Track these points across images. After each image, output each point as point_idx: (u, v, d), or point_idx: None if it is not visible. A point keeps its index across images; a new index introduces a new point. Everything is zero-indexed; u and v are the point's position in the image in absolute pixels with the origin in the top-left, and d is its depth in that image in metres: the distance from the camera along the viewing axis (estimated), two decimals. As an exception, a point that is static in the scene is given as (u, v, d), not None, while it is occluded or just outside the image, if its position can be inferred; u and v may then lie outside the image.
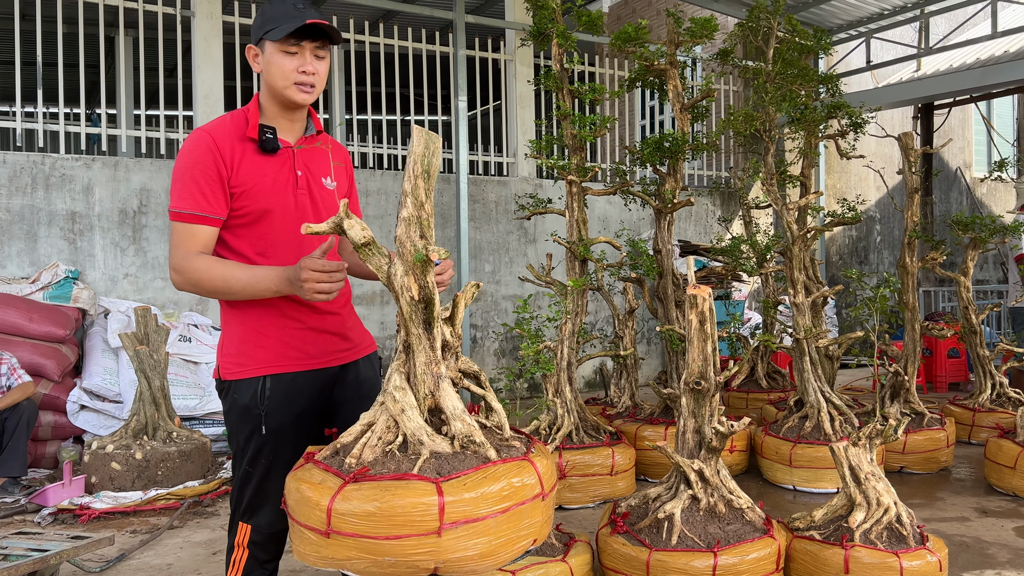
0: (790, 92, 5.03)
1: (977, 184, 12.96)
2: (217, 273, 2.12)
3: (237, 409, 2.26)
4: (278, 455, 2.27)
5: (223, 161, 2.18)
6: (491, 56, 8.70)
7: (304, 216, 2.27)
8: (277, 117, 2.27)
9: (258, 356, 2.24)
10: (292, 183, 2.27)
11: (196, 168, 2.16)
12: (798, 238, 4.95)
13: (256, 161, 2.22)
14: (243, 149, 2.22)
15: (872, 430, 3.27)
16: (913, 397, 5.24)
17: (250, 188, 2.20)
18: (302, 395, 2.26)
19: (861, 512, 3.16)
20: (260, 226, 2.23)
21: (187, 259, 2.13)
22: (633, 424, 5.20)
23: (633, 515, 3.29)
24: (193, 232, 2.16)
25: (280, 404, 2.24)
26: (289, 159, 2.28)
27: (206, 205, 2.16)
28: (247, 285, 2.11)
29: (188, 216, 2.16)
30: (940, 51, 9.57)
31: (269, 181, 2.23)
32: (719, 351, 3.27)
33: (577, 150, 4.92)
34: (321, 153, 2.38)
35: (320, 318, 2.31)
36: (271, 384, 2.23)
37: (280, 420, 2.25)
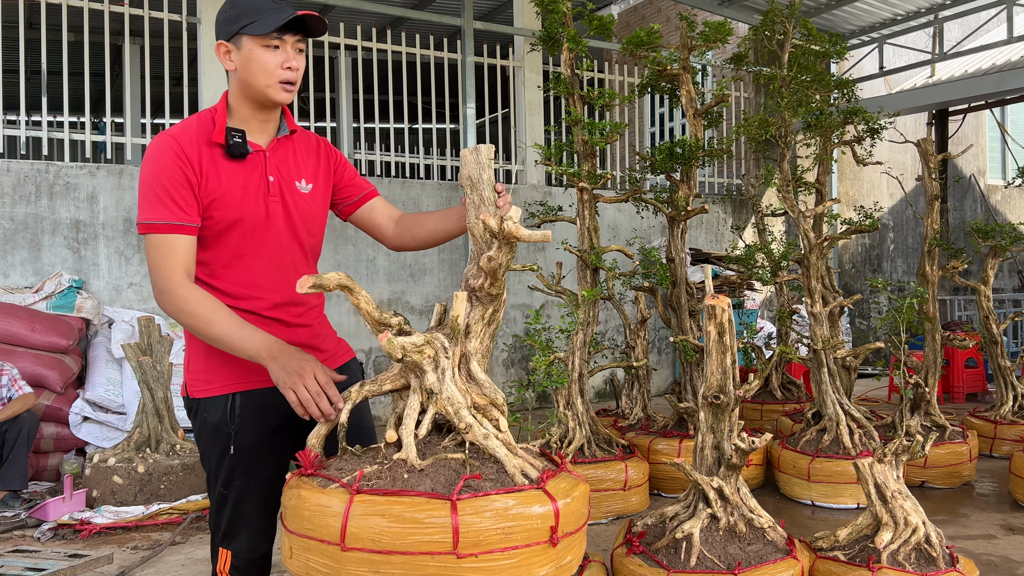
0: (806, 97, 4.92)
1: (992, 191, 12.80)
2: (204, 311, 1.95)
3: (207, 428, 2.13)
4: (253, 475, 2.14)
5: (191, 167, 2.01)
6: (500, 63, 8.62)
7: (276, 225, 2.13)
8: (248, 119, 2.11)
9: (226, 372, 2.10)
10: (263, 190, 2.11)
11: (163, 176, 1.99)
12: (815, 246, 4.83)
13: (225, 168, 2.06)
14: (211, 155, 2.05)
15: (898, 446, 3.14)
16: (934, 409, 5.10)
17: (219, 197, 2.04)
18: (275, 412, 2.09)
19: (888, 532, 3.03)
20: (229, 236, 2.08)
21: (173, 283, 1.96)
22: (646, 437, 5.07)
23: (649, 534, 3.17)
24: (171, 245, 1.98)
25: (252, 422, 2.11)
26: (260, 164, 2.11)
27: (180, 213, 1.99)
28: (230, 337, 1.94)
29: (162, 227, 1.98)
30: (955, 56, 9.44)
31: (239, 189, 2.07)
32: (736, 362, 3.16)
33: (588, 156, 4.82)
34: (295, 154, 2.21)
35: (290, 331, 2.17)
36: (241, 401, 2.10)
37: (253, 438, 2.12)
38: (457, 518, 1.76)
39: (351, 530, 1.78)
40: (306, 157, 2.24)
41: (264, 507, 2.19)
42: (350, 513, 1.78)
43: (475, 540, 1.76)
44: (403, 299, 7.81)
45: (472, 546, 1.76)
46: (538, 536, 1.83)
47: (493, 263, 1.95)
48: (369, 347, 7.62)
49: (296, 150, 2.22)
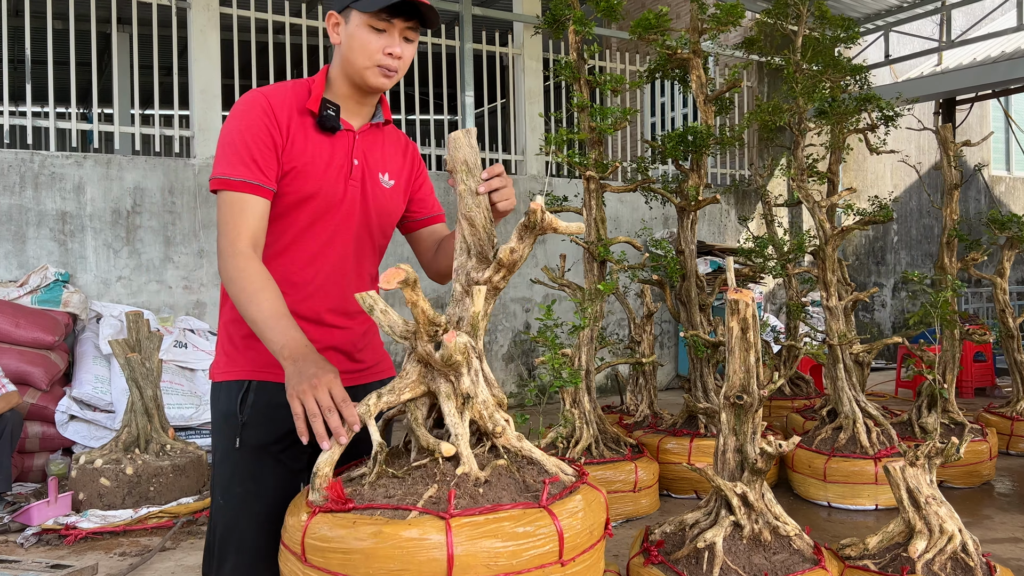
0: (821, 83, 4.73)
1: (995, 183, 12.64)
2: (252, 287, 1.78)
3: (218, 415, 1.97)
4: (256, 481, 1.91)
5: (278, 128, 1.88)
6: (499, 50, 8.41)
7: (351, 210, 1.98)
8: (345, 97, 1.97)
9: (246, 356, 1.94)
10: (346, 171, 1.97)
11: (248, 132, 1.86)
12: (832, 237, 4.64)
13: (312, 138, 1.93)
14: (300, 122, 1.92)
15: (931, 448, 2.97)
16: (952, 406, 4.94)
17: (300, 166, 1.91)
18: (286, 415, 1.80)
19: (922, 540, 2.86)
20: (297, 212, 1.94)
21: (235, 248, 1.81)
22: (655, 436, 4.89)
23: (668, 543, 2.98)
24: (243, 205, 1.83)
25: (262, 418, 1.91)
26: (348, 144, 1.98)
27: (259, 173, 1.85)
28: (264, 322, 1.76)
29: (238, 184, 1.84)
30: (962, 44, 9.26)
31: (322, 163, 1.93)
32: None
33: (595, 144, 4.62)
34: (384, 146, 2.08)
35: (326, 332, 1.99)
36: (255, 391, 1.93)
37: (260, 437, 1.91)
38: (559, 523, 1.61)
39: (461, 559, 1.52)
40: (394, 153, 2.11)
41: (264, 528, 1.89)
42: (453, 541, 1.52)
43: (574, 544, 1.65)
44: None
45: (572, 551, 1.64)
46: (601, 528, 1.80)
47: (515, 255, 1.77)
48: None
49: (385, 142, 2.08)
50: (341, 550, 1.55)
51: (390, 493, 1.64)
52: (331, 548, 1.56)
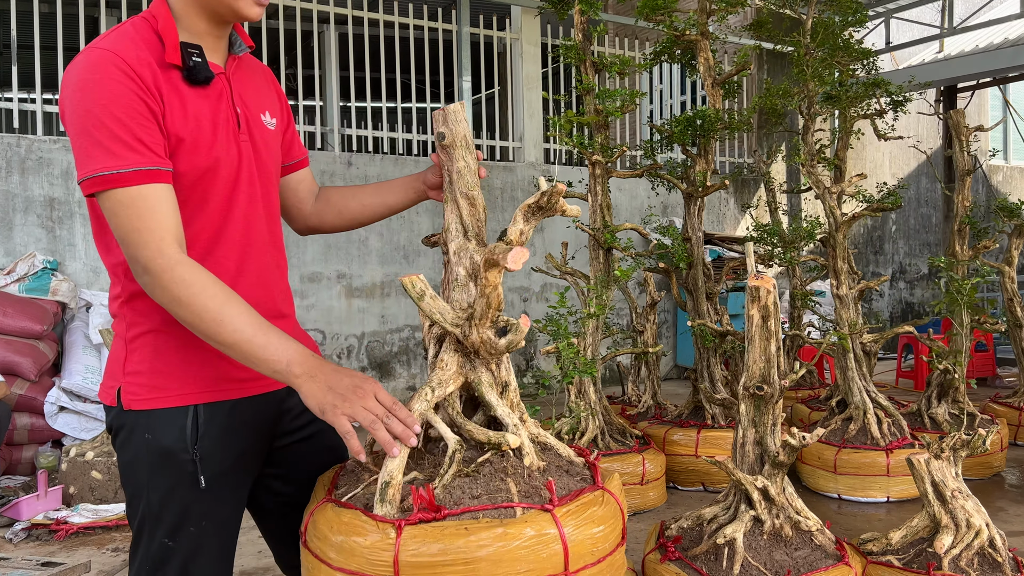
0: (832, 66, 4.61)
1: (993, 172, 12.59)
2: (213, 304, 1.41)
3: (151, 454, 1.53)
4: (212, 517, 1.59)
5: (149, 93, 1.46)
6: (496, 34, 8.26)
7: (250, 173, 1.62)
8: (203, 34, 1.58)
9: (186, 374, 1.55)
10: (233, 125, 1.60)
11: (116, 106, 1.42)
12: (842, 224, 4.54)
13: (186, 96, 1.53)
14: (167, 79, 1.50)
15: (956, 440, 2.87)
16: (962, 397, 4.85)
17: (188, 137, 1.51)
18: (243, 431, 1.60)
19: (948, 535, 2.76)
20: (196, 192, 1.54)
21: (164, 257, 1.42)
22: (660, 427, 4.79)
23: (686, 539, 2.88)
24: (151, 202, 1.42)
25: (218, 445, 1.56)
26: (225, 91, 1.60)
27: (151, 155, 1.44)
28: (248, 344, 1.42)
29: (132, 176, 1.41)
30: (964, 31, 9.16)
31: (208, 124, 1.55)
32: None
33: (601, 128, 4.50)
34: (254, 79, 1.72)
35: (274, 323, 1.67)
36: (205, 417, 1.55)
37: (217, 468, 1.57)
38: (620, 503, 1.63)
39: (573, 549, 1.46)
40: (264, 85, 1.76)
41: (223, 562, 1.65)
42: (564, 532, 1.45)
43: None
44: (396, 282, 7.48)
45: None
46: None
47: (523, 238, 1.67)
48: (361, 332, 7.29)
49: (254, 75, 1.74)
50: (461, 561, 1.38)
51: (475, 493, 1.50)
52: (445, 562, 1.38)
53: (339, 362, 7.16)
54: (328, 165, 7.16)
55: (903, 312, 11.32)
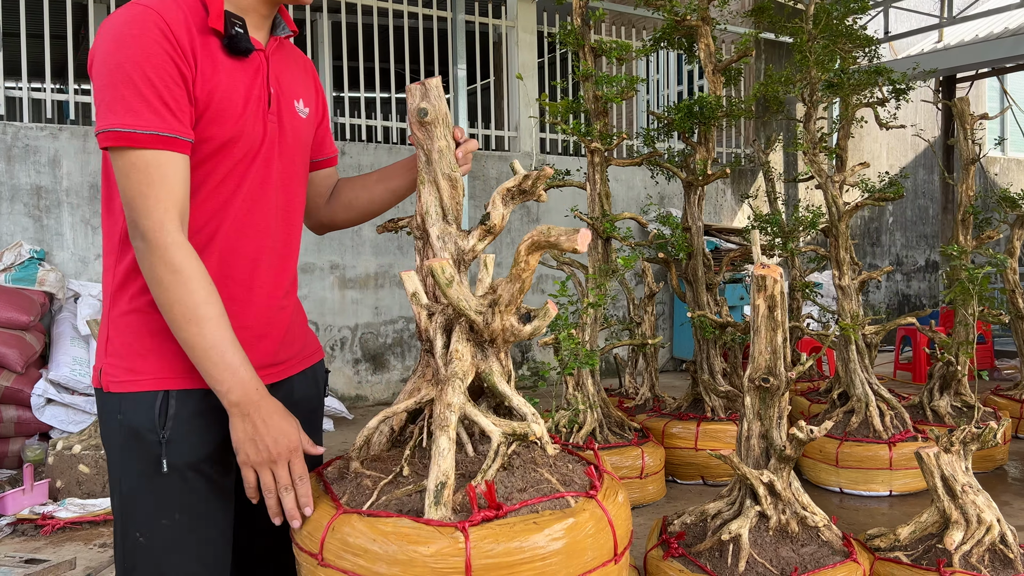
0: (834, 53, 4.52)
1: (990, 163, 12.53)
2: (190, 301, 1.38)
3: (124, 432, 1.49)
4: (187, 512, 1.49)
5: (183, 56, 1.41)
6: (492, 21, 8.14)
7: (270, 155, 1.57)
8: (248, 9, 1.54)
9: (160, 362, 1.49)
10: (264, 103, 1.55)
11: (148, 64, 1.36)
12: (845, 214, 4.46)
13: (222, 65, 1.48)
14: (204, 44, 1.45)
15: (967, 434, 2.80)
16: (965, 389, 4.79)
17: (217, 104, 1.46)
18: (221, 420, 1.49)
19: (959, 531, 2.69)
20: (211, 163, 1.49)
21: (164, 232, 1.37)
22: (659, 420, 4.71)
23: (689, 535, 2.80)
24: (164, 170, 1.38)
25: (189, 431, 1.49)
26: (262, 68, 1.55)
27: (173, 120, 1.39)
28: (204, 353, 1.39)
29: (150, 139, 1.36)
30: (963, 21, 9.08)
31: (240, 97, 1.50)
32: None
33: (600, 115, 4.40)
34: (293, 66, 1.67)
35: (263, 314, 1.60)
36: (177, 402, 1.48)
37: (187, 455, 1.48)
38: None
39: (619, 534, 1.47)
40: (303, 74, 1.71)
41: (205, 565, 1.53)
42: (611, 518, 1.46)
43: None
44: (390, 272, 7.39)
45: None
46: None
47: (504, 222, 1.60)
48: (355, 323, 7.20)
49: (294, 60, 1.68)
50: (538, 557, 1.34)
51: (519, 486, 1.46)
52: (521, 560, 1.33)
53: (332, 354, 7.07)
54: (321, 154, 7.04)
55: (900, 304, 11.27)
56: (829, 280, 8.74)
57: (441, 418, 1.47)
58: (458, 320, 1.52)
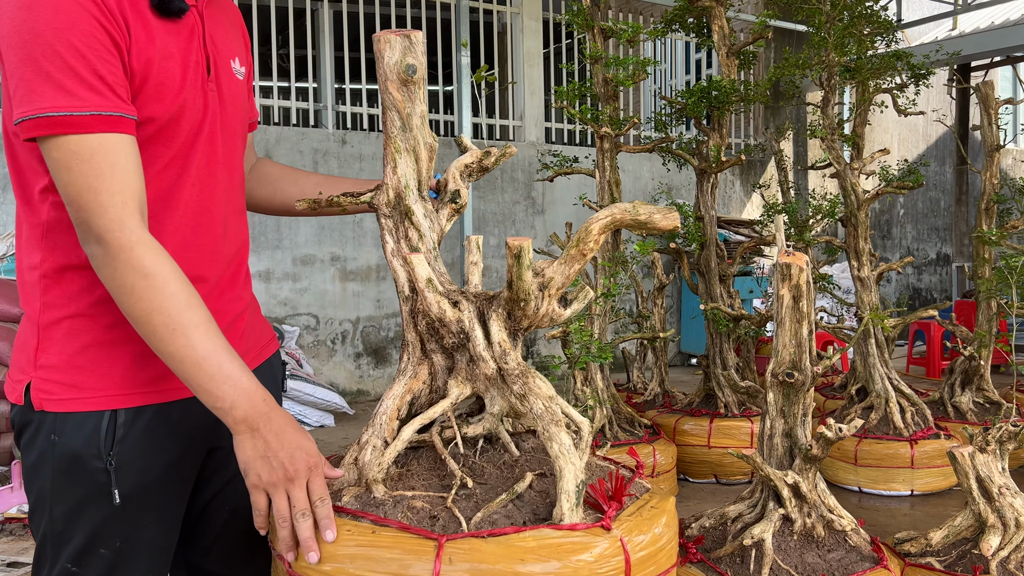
0: (855, 34, 4.34)
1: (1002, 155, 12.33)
2: (171, 306, 1.18)
3: (59, 458, 1.28)
4: (130, 540, 1.32)
5: (112, 20, 1.18)
6: (496, 8, 7.96)
7: (213, 128, 1.36)
8: None
9: (107, 376, 1.30)
10: (203, 70, 1.34)
11: (74, 32, 1.13)
12: (864, 203, 4.29)
13: (155, 29, 1.25)
14: (132, 4, 1.22)
15: (1003, 432, 2.63)
16: (987, 384, 4.61)
17: (155, 78, 1.24)
18: (173, 439, 1.35)
19: (995, 536, 2.53)
20: (152, 147, 1.28)
21: (124, 230, 1.17)
22: (670, 416, 4.55)
23: (708, 539, 2.64)
24: (113, 155, 1.17)
25: (140, 453, 1.31)
26: (197, 29, 1.34)
27: (115, 99, 1.17)
28: (195, 367, 1.20)
29: (94, 121, 1.15)
30: (979, 7, 8.89)
31: (177, 66, 1.28)
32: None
33: (610, 99, 4.23)
34: (224, 16, 1.45)
35: (223, 308, 1.41)
36: (125, 423, 1.29)
37: (139, 480, 1.31)
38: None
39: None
40: (233, 28, 1.49)
41: None
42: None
43: None
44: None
45: None
46: None
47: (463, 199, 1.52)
48: (356, 316, 7.04)
49: (224, 11, 1.46)
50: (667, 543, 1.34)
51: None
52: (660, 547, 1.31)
53: (333, 348, 6.92)
54: (321, 143, 6.89)
55: (911, 298, 11.09)
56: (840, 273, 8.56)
57: (551, 414, 1.31)
58: (494, 308, 1.35)
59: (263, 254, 6.56)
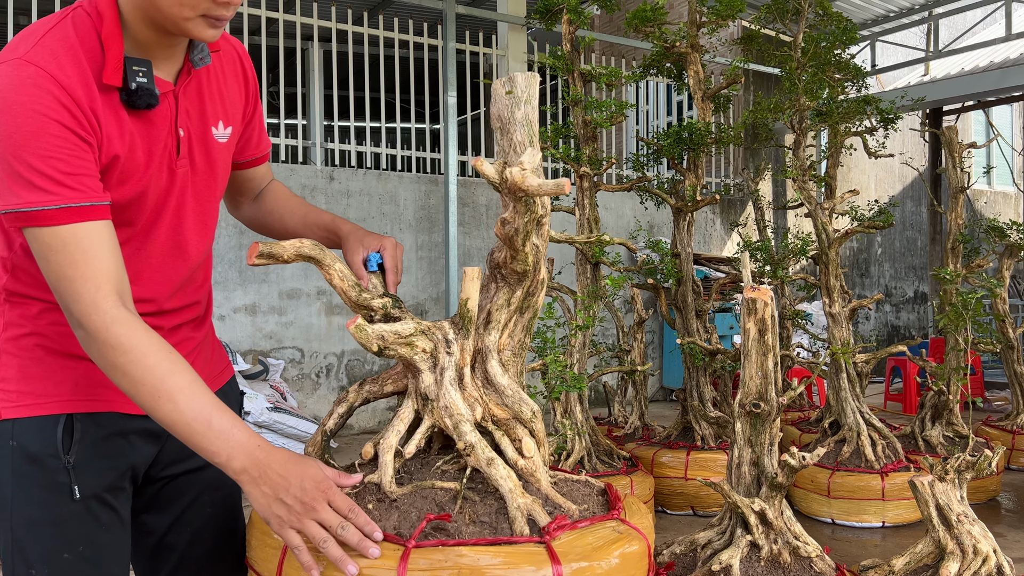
0: (826, 80, 4.53)
1: (976, 196, 12.62)
2: (152, 377, 1.25)
3: (16, 462, 1.35)
4: (91, 545, 1.38)
5: (83, 124, 1.26)
6: (483, 50, 8.18)
7: (180, 199, 1.45)
8: (151, 44, 1.35)
9: (64, 384, 1.38)
10: (171, 150, 1.41)
11: (43, 135, 1.22)
12: (835, 241, 4.44)
13: (125, 121, 1.33)
14: (106, 101, 1.30)
15: (962, 462, 2.74)
16: (957, 419, 4.74)
17: (121, 167, 1.34)
18: (126, 448, 1.43)
19: (955, 562, 2.62)
20: (117, 221, 1.36)
21: (99, 312, 1.25)
22: (649, 448, 4.64)
23: (679, 565, 2.73)
24: (86, 243, 1.25)
25: (95, 456, 1.39)
26: (169, 112, 1.40)
27: (85, 188, 1.26)
28: (187, 428, 1.26)
29: (64, 213, 1.23)
30: (949, 55, 9.19)
31: (142, 153, 1.37)
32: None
33: (589, 140, 4.39)
34: (210, 83, 1.50)
35: (173, 336, 1.49)
36: (82, 426, 1.38)
37: (94, 483, 1.38)
38: (405, 572, 1.27)
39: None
40: (226, 84, 1.54)
41: None
42: (285, 558, 1.34)
43: None
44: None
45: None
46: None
47: (508, 228, 1.49)
48: (341, 350, 7.11)
49: (211, 76, 1.50)
50: None
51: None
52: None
53: (318, 382, 6.98)
54: (310, 179, 7.02)
55: (889, 335, 11.27)
56: (819, 310, 8.73)
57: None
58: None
59: (249, 288, 6.64)
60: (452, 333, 1.56)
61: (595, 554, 1.37)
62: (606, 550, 1.39)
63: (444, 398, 1.50)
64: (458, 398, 1.51)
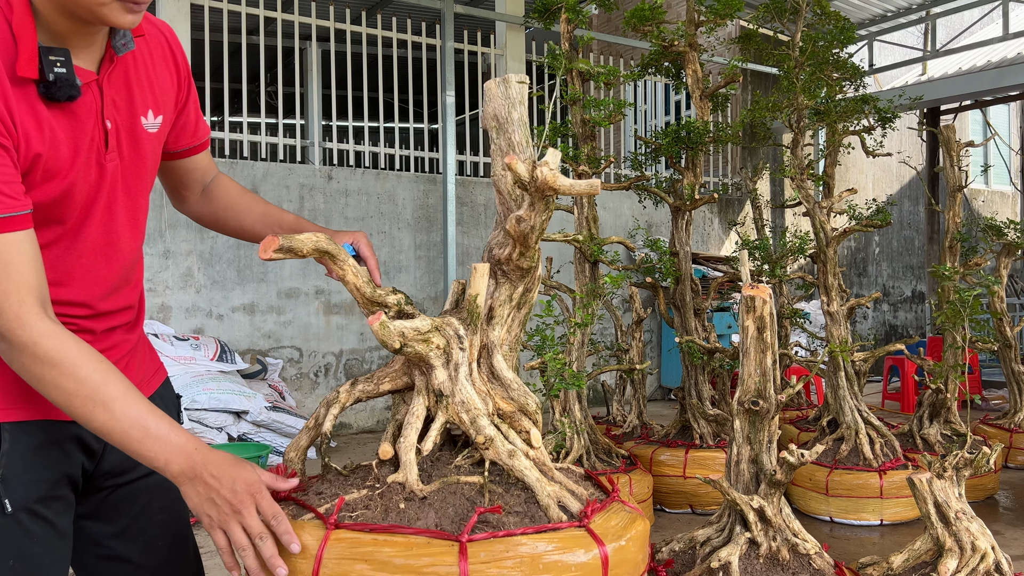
0: (823, 79, 4.54)
1: (973, 195, 12.65)
2: (84, 389, 1.23)
3: None
4: (24, 559, 1.34)
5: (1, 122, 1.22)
6: (480, 49, 8.18)
7: (111, 193, 1.40)
8: (68, 33, 1.28)
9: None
10: (99, 142, 1.35)
11: None
12: (833, 240, 4.45)
13: (43, 115, 1.26)
14: (21, 96, 1.23)
15: (960, 459, 2.75)
16: (954, 417, 4.75)
17: (44, 165, 1.28)
18: (60, 457, 1.39)
19: (953, 559, 2.63)
20: (45, 220, 1.32)
21: (22, 324, 1.21)
22: (647, 447, 4.64)
23: (678, 563, 2.73)
24: (5, 255, 1.20)
25: (25, 467, 1.35)
26: (94, 103, 1.33)
27: (7, 199, 1.21)
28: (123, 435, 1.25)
29: None
30: (947, 54, 9.21)
31: (67, 149, 1.30)
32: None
33: (587, 139, 4.39)
34: (137, 69, 1.43)
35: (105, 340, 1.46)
36: (11, 436, 1.33)
37: (24, 494, 1.34)
38: (467, 566, 1.29)
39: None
40: (155, 70, 1.48)
41: None
42: (323, 556, 1.31)
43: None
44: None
45: None
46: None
47: (524, 225, 1.50)
48: (339, 349, 7.11)
49: (138, 63, 1.43)
50: None
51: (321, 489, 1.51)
52: None
53: (316, 381, 6.98)
54: (308, 178, 7.02)
55: (887, 334, 11.28)
56: (816, 309, 8.74)
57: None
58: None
59: (248, 287, 6.64)
60: (462, 328, 1.57)
61: (623, 533, 1.46)
62: (628, 529, 1.48)
63: (460, 393, 1.51)
64: (474, 393, 1.53)
